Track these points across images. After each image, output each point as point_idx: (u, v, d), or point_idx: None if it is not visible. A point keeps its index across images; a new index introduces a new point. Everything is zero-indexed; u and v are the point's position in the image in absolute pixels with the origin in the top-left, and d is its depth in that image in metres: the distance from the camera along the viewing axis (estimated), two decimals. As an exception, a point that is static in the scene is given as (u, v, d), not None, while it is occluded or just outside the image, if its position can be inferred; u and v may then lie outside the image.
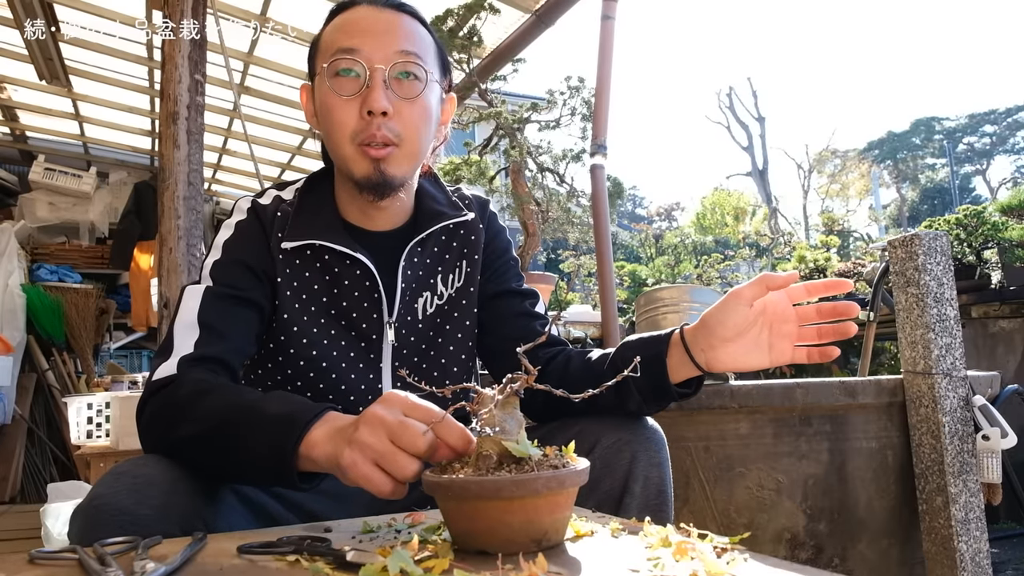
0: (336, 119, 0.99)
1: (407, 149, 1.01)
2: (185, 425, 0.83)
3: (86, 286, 4.96)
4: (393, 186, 1.02)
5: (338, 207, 1.10)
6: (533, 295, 1.19)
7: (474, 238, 1.16)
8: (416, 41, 1.02)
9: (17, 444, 4.37)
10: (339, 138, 1.00)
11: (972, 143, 26.36)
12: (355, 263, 1.05)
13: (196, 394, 0.85)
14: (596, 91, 2.77)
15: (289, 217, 1.07)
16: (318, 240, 1.04)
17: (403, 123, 0.99)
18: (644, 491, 0.92)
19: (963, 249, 3.47)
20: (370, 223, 1.10)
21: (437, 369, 1.12)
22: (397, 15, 1.02)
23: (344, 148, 1.00)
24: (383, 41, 0.99)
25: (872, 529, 1.96)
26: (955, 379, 1.93)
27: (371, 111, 0.96)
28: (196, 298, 0.98)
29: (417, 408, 0.70)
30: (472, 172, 3.51)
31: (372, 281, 1.06)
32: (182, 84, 2.53)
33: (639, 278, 8.62)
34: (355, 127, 0.98)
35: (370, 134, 0.97)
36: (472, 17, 3.16)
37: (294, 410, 0.77)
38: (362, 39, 0.98)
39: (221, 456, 0.81)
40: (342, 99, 0.98)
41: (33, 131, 5.24)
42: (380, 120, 0.97)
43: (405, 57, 0.99)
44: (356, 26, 1.00)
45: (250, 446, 0.78)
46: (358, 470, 0.68)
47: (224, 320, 0.97)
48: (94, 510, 0.75)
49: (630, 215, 25.57)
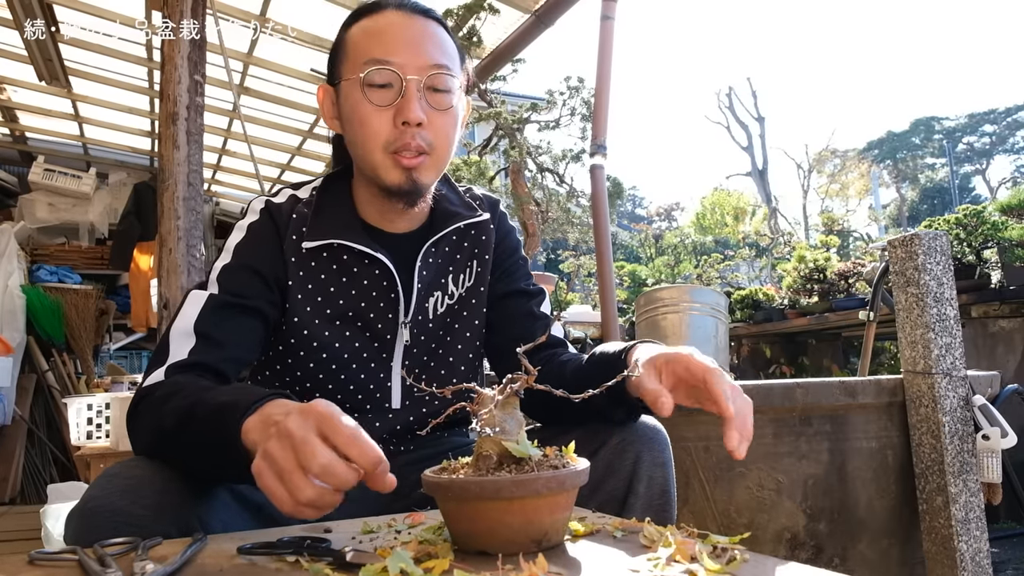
0: (370, 128, 0.99)
1: (437, 157, 1.03)
2: (160, 425, 0.83)
3: (86, 287, 4.95)
4: (422, 193, 1.04)
5: (356, 207, 1.11)
6: (541, 294, 1.20)
7: (485, 238, 1.17)
8: (446, 51, 1.03)
9: (17, 445, 4.37)
10: (371, 146, 1.00)
11: (972, 143, 26.38)
12: (374, 263, 1.06)
13: (170, 395, 0.85)
14: (596, 91, 2.77)
15: (307, 218, 1.07)
16: (339, 240, 1.04)
17: (435, 132, 1.01)
18: (648, 491, 0.92)
19: (963, 249, 3.47)
20: (389, 225, 1.11)
21: (445, 368, 1.13)
22: (426, 22, 1.03)
23: (376, 156, 1.00)
24: (416, 51, 1.00)
25: (872, 529, 1.96)
26: (955, 379, 1.93)
27: (406, 122, 0.98)
28: (197, 305, 0.98)
29: (330, 423, 0.64)
30: (472, 172, 3.51)
31: (390, 281, 1.07)
32: (181, 85, 2.53)
33: (639, 278, 8.63)
34: (389, 136, 0.99)
35: (404, 143, 0.98)
36: (472, 17, 3.17)
37: (238, 399, 0.77)
38: (395, 49, 0.99)
39: (190, 452, 0.81)
40: (376, 108, 0.99)
41: (33, 132, 5.23)
42: (415, 130, 0.98)
43: (438, 69, 1.00)
44: (387, 34, 1.00)
45: (204, 439, 0.78)
46: (262, 481, 0.66)
47: (223, 330, 0.97)
48: (89, 512, 0.75)
49: (630, 215, 25.59)
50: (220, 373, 0.96)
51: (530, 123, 3.40)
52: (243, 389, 0.81)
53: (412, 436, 1.10)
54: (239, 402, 0.76)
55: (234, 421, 0.74)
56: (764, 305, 5.49)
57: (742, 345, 5.81)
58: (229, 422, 0.74)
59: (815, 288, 4.94)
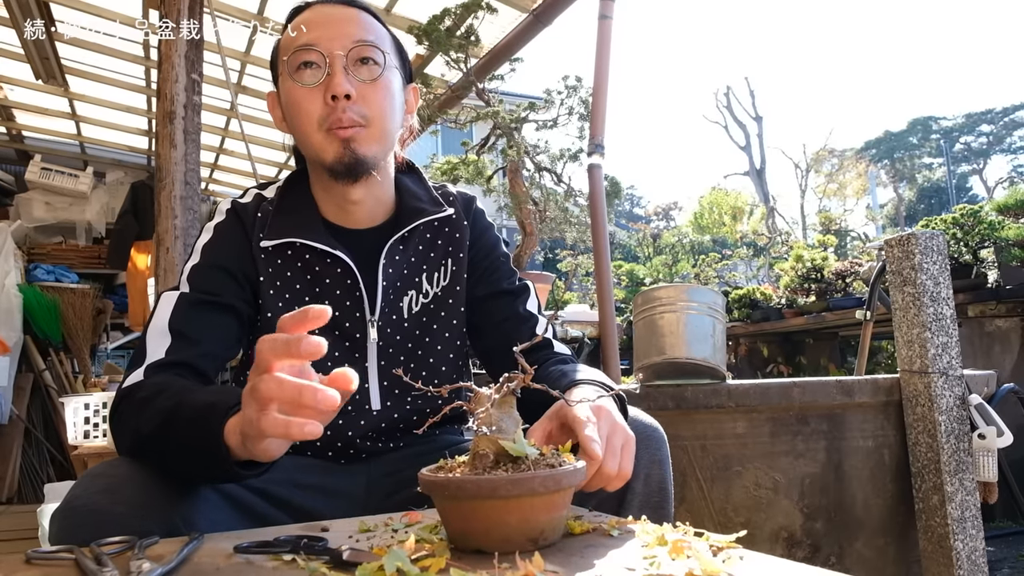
0: (302, 110, 1.01)
1: (375, 129, 1.02)
2: (141, 427, 0.83)
3: (83, 286, 4.94)
4: (365, 166, 1.02)
5: (317, 205, 1.10)
6: (525, 291, 1.18)
7: (459, 236, 1.16)
8: (371, 29, 1.05)
9: (14, 444, 4.36)
10: (308, 128, 1.01)
11: (969, 142, 26.43)
12: (336, 261, 1.06)
13: (152, 396, 0.85)
14: (593, 90, 2.76)
15: (269, 216, 1.07)
16: (297, 239, 1.04)
17: (368, 104, 1.01)
18: (646, 488, 0.92)
19: (960, 248, 3.47)
20: (349, 220, 1.10)
21: (426, 368, 1.12)
22: (350, 9, 1.05)
23: (313, 136, 1.01)
24: (339, 31, 1.01)
25: (869, 528, 1.97)
26: (951, 378, 1.93)
27: (335, 95, 0.98)
28: (169, 305, 0.99)
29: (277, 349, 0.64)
30: (469, 172, 3.51)
31: (353, 279, 1.06)
32: (179, 83, 2.52)
33: (637, 277, 8.63)
34: (321, 113, 1.00)
35: (336, 118, 0.99)
36: (469, 16, 3.16)
37: (218, 400, 0.77)
38: (318, 32, 1.01)
39: (172, 454, 0.81)
40: (305, 89, 1.00)
41: (29, 131, 5.22)
42: (345, 103, 0.99)
43: (362, 43, 1.02)
44: (311, 22, 1.03)
45: (186, 441, 0.77)
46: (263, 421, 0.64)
47: (197, 326, 0.98)
48: (71, 511, 0.76)
49: (628, 214, 25.60)
50: (198, 370, 0.96)
51: (528, 122, 3.40)
52: (223, 391, 0.82)
53: (400, 434, 1.10)
54: (218, 403, 0.76)
55: (215, 423, 0.74)
56: (761, 304, 5.50)
57: (740, 344, 5.81)
58: (210, 424, 0.74)
59: (812, 287, 4.95)
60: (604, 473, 0.75)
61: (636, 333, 2.07)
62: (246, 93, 4.38)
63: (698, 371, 1.93)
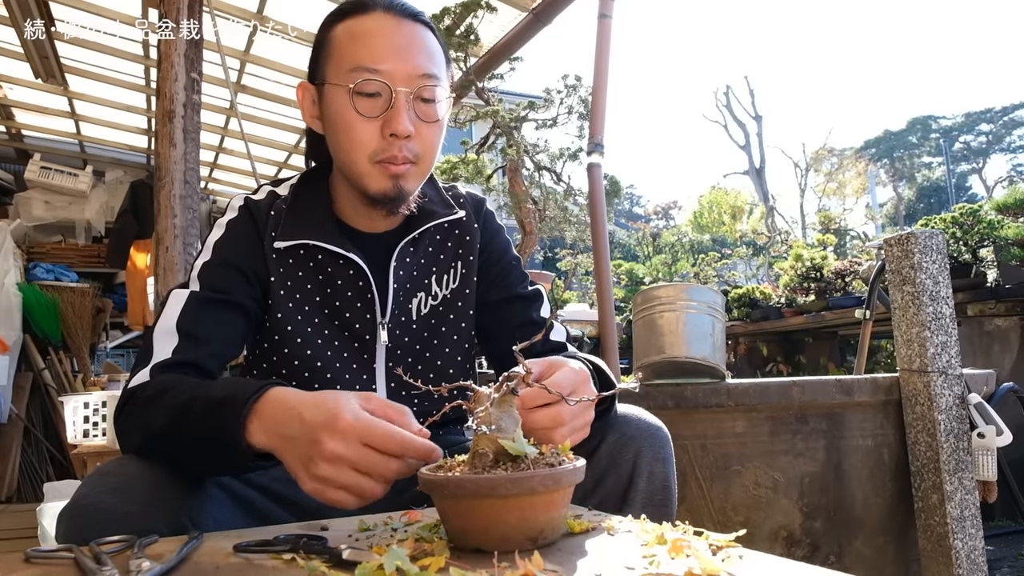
0: (357, 138, 0.98)
1: (423, 166, 1.02)
2: (151, 424, 0.83)
3: (82, 285, 4.94)
4: (405, 200, 1.03)
5: (332, 207, 1.10)
6: (539, 298, 1.18)
7: (469, 238, 1.15)
8: (435, 59, 1.01)
9: (14, 443, 4.36)
10: (357, 156, 0.99)
11: (968, 142, 26.43)
12: (348, 263, 1.05)
13: (159, 393, 0.85)
14: (593, 90, 2.77)
15: (283, 215, 1.07)
16: (311, 240, 1.04)
17: (422, 143, 1.00)
18: (649, 486, 0.93)
19: (959, 247, 3.47)
20: (365, 224, 1.10)
21: (433, 371, 1.12)
22: (415, 26, 1.01)
23: (362, 166, 0.99)
24: (405, 59, 0.97)
25: (868, 527, 1.97)
26: (951, 377, 1.93)
27: (395, 134, 0.96)
28: (179, 303, 0.98)
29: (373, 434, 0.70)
30: (469, 170, 3.51)
31: (365, 281, 1.06)
32: (178, 82, 2.52)
33: (636, 276, 8.64)
34: (376, 147, 0.98)
35: (391, 155, 0.98)
36: (469, 15, 3.16)
37: (235, 391, 0.78)
38: (384, 56, 0.97)
39: (184, 449, 0.82)
40: (363, 118, 0.97)
41: (29, 129, 5.22)
42: (403, 142, 0.97)
43: (427, 80, 0.98)
44: (376, 39, 0.98)
45: (200, 435, 0.78)
46: (326, 496, 0.72)
47: (205, 326, 0.97)
48: (79, 510, 0.76)
49: (627, 213, 25.59)
50: (205, 370, 0.96)
51: (527, 121, 3.40)
52: (237, 382, 0.82)
53: None
54: (236, 395, 0.76)
55: (234, 415, 0.74)
56: (761, 303, 5.50)
57: (739, 343, 5.82)
58: (228, 416, 0.75)
59: (812, 286, 4.95)
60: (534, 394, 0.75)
61: (635, 332, 2.07)
62: (245, 92, 4.38)
63: (698, 370, 1.93)
